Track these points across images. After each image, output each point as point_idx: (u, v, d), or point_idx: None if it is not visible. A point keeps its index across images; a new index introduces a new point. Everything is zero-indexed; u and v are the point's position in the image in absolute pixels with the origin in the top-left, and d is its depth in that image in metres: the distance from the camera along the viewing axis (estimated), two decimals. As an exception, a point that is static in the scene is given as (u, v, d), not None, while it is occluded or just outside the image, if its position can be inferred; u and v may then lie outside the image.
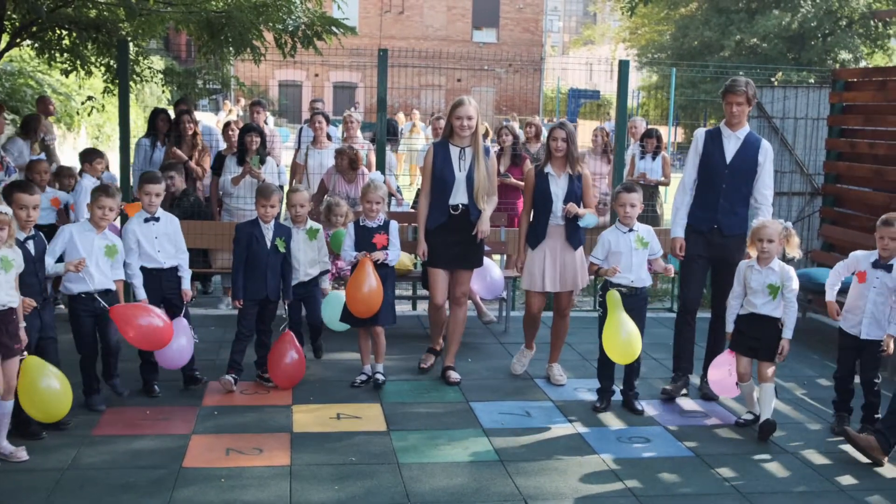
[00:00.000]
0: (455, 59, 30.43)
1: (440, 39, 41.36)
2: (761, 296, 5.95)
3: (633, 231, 6.22)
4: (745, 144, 6.46)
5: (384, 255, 6.52)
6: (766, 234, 5.89)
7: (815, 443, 5.86)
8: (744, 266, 6.08)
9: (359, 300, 6.33)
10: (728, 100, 6.39)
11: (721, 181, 6.48)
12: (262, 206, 6.42)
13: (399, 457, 5.36)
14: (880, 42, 30.98)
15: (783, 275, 5.93)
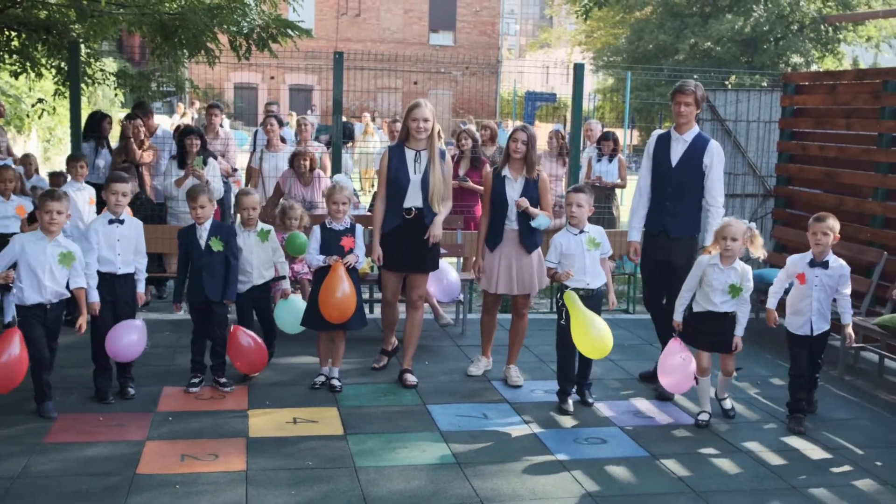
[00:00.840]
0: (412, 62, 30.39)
1: (397, 42, 41.30)
2: (721, 294, 6.02)
3: (585, 233, 6.26)
4: (691, 147, 6.56)
5: (356, 259, 6.49)
6: (731, 233, 5.96)
7: (769, 441, 5.93)
8: (705, 262, 6.12)
9: (333, 306, 6.29)
10: (676, 99, 6.50)
11: (668, 184, 6.57)
12: (192, 209, 6.39)
13: (356, 460, 5.34)
14: (831, 46, 31.45)
15: (743, 275, 6.03)
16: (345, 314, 6.34)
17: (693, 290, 6.18)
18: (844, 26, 30.88)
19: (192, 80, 13.28)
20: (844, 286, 6.04)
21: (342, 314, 6.34)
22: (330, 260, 6.41)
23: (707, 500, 4.99)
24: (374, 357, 7.11)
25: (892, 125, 8.12)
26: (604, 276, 6.32)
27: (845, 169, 8.73)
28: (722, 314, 6.06)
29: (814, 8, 30.38)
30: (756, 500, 5.02)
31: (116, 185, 6.20)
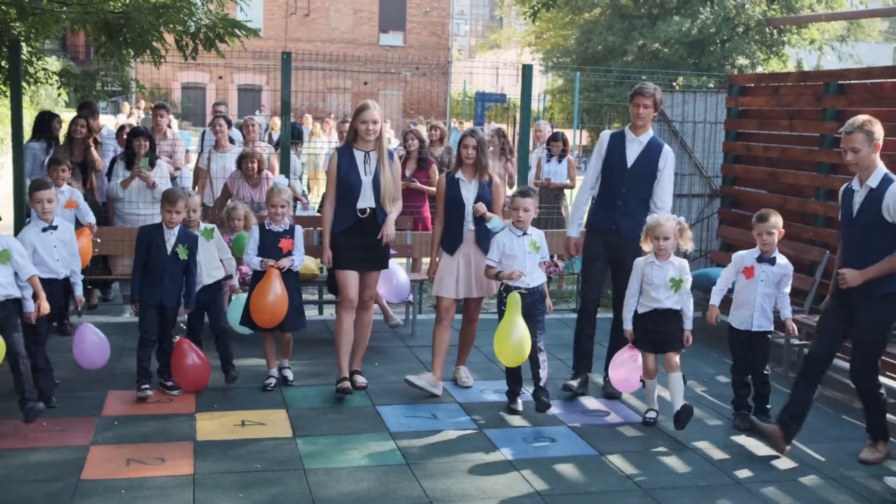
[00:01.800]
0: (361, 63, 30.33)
1: (346, 42, 41.17)
2: (664, 290, 6.09)
3: (527, 235, 6.29)
4: (647, 149, 6.62)
5: (290, 262, 6.48)
6: (663, 233, 6.05)
7: (715, 438, 6.01)
8: (642, 263, 6.20)
9: (263, 310, 6.27)
10: (636, 101, 6.55)
11: (621, 184, 6.62)
12: (168, 212, 6.31)
13: (305, 462, 5.32)
14: (775, 49, 31.96)
15: (681, 268, 6.11)
16: (275, 318, 6.34)
17: (636, 295, 6.24)
18: (788, 29, 31.40)
19: (138, 80, 13.10)
20: (785, 285, 6.14)
21: (273, 318, 6.34)
22: (264, 263, 6.38)
23: (655, 497, 5.04)
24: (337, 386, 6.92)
25: (834, 126, 8.26)
26: (541, 278, 6.35)
27: (788, 169, 8.87)
28: (667, 310, 6.12)
29: (759, 11, 30.84)
30: (703, 497, 5.08)
31: (39, 193, 6.08)
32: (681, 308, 6.15)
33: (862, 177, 5.52)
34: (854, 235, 5.58)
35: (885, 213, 5.39)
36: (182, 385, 6.44)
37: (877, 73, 8.34)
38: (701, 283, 8.38)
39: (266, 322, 6.36)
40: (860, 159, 5.43)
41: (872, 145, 5.42)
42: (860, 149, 5.41)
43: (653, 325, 6.16)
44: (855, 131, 5.41)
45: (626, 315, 6.30)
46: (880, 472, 5.50)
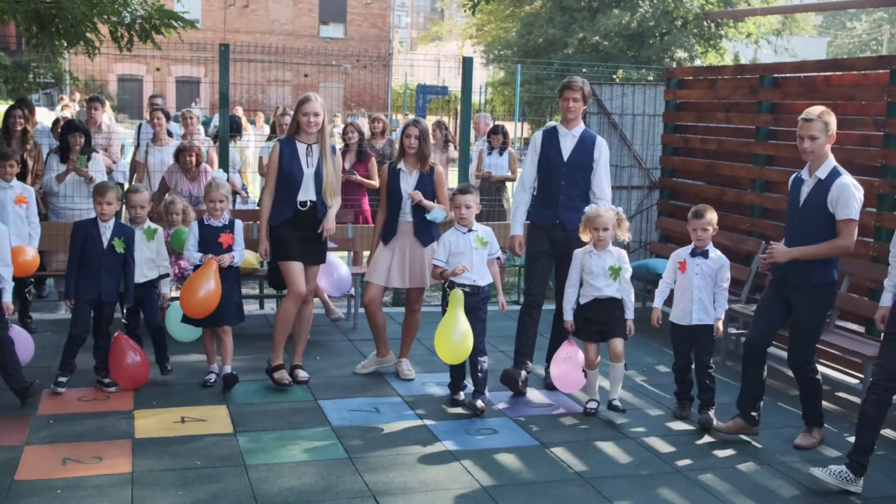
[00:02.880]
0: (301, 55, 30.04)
1: (286, 34, 40.85)
2: (603, 278, 6.15)
3: (473, 231, 6.30)
4: (580, 142, 6.68)
5: (231, 258, 6.41)
6: (602, 223, 6.11)
7: (655, 427, 6.09)
8: (580, 254, 6.26)
9: (194, 304, 6.20)
10: (565, 95, 6.61)
11: (560, 178, 6.67)
12: (99, 204, 6.21)
13: (246, 458, 5.27)
14: (713, 42, 32.35)
15: (620, 257, 6.17)
16: (206, 310, 6.28)
17: (576, 286, 6.29)
18: (726, 23, 31.81)
19: (71, 72, 12.83)
20: (723, 279, 6.19)
21: (203, 311, 6.27)
22: (204, 258, 6.32)
23: (596, 486, 5.09)
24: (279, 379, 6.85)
25: (769, 119, 8.41)
26: (490, 276, 6.36)
27: (725, 161, 9.01)
28: (608, 299, 6.17)
29: (697, 4, 31.20)
30: (643, 485, 5.14)
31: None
32: (621, 297, 6.21)
33: (812, 167, 5.62)
34: (798, 224, 5.68)
35: (830, 206, 5.51)
36: (120, 382, 6.34)
37: (810, 67, 8.51)
38: (641, 274, 8.48)
39: (196, 314, 6.29)
40: (816, 147, 5.53)
41: (828, 135, 5.54)
42: (818, 137, 5.51)
43: (594, 314, 6.21)
44: (815, 120, 5.51)
45: (567, 306, 6.36)
46: (814, 458, 5.62)
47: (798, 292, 5.65)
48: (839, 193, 5.47)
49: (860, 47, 57.50)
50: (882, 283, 5.44)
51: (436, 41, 61.55)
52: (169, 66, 36.55)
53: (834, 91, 7.77)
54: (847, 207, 5.46)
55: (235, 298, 6.51)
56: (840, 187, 5.47)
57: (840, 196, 5.46)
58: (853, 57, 26.17)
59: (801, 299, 5.65)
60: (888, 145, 7.08)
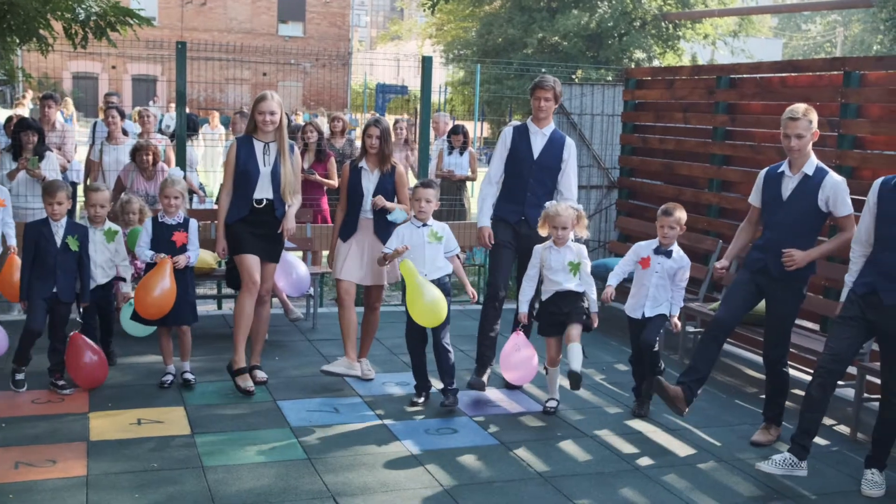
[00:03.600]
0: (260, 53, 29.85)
1: (245, 33, 40.57)
2: (563, 273, 6.16)
3: (427, 226, 6.29)
4: (550, 141, 6.73)
5: (187, 259, 6.34)
6: (561, 222, 6.13)
7: (614, 426, 6.11)
8: (540, 249, 6.27)
9: (148, 304, 6.12)
10: (537, 94, 6.63)
11: (528, 175, 6.70)
12: (49, 205, 6.13)
13: (204, 460, 5.21)
14: (671, 43, 32.64)
15: (579, 253, 6.20)
16: (162, 311, 6.21)
17: (535, 280, 6.30)
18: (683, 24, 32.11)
19: (24, 69, 12.63)
20: (682, 279, 6.25)
21: (159, 311, 6.20)
22: (157, 258, 6.25)
23: (556, 485, 5.10)
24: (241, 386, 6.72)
25: (726, 119, 8.49)
26: (446, 269, 6.34)
27: (683, 161, 9.08)
28: (568, 291, 6.18)
29: (655, 5, 31.46)
30: (603, 484, 5.16)
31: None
32: (583, 290, 6.22)
33: (797, 164, 5.70)
34: (782, 218, 5.76)
35: (822, 203, 5.62)
36: (78, 382, 6.25)
37: (766, 68, 8.59)
38: (599, 272, 8.49)
39: (152, 315, 6.22)
40: (803, 146, 5.63)
41: (812, 133, 5.64)
42: (804, 135, 5.60)
43: (556, 307, 6.21)
44: (801, 118, 5.60)
45: (522, 298, 6.35)
46: (771, 454, 5.67)
47: (778, 284, 5.74)
48: (834, 192, 5.59)
49: (814, 49, 58.31)
50: (837, 281, 5.52)
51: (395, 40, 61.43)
52: (125, 64, 36.14)
53: (789, 92, 7.86)
54: (845, 204, 5.61)
55: (190, 298, 6.44)
56: (834, 186, 5.60)
57: (837, 195, 5.59)
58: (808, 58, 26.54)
59: (781, 291, 5.75)
60: (842, 146, 7.18)
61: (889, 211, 5.10)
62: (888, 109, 6.98)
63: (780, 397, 5.93)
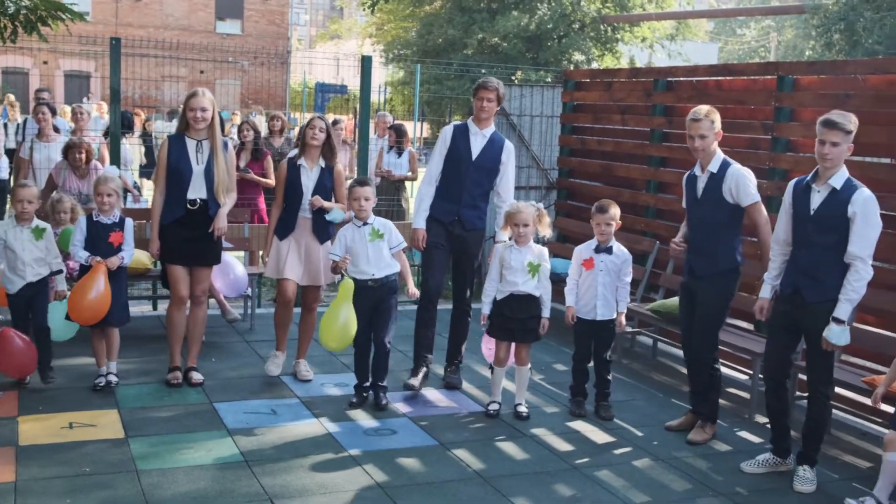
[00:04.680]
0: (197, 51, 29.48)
1: (181, 29, 40.01)
2: (521, 274, 6.15)
3: (368, 224, 6.26)
4: (490, 143, 6.73)
5: (120, 260, 6.22)
6: (522, 220, 6.12)
7: (552, 425, 6.14)
8: (501, 248, 6.25)
9: (84, 307, 5.99)
10: (480, 95, 6.64)
11: (465, 176, 6.69)
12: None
13: (138, 464, 5.12)
14: (609, 45, 32.98)
15: (540, 254, 6.20)
16: (96, 316, 6.09)
17: (496, 281, 6.27)
18: (622, 27, 32.47)
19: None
20: (626, 273, 6.32)
21: (94, 316, 6.09)
22: (92, 260, 6.12)
23: (494, 485, 5.10)
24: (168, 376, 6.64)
25: (663, 122, 8.59)
26: (393, 266, 6.31)
27: (621, 163, 9.17)
28: (525, 295, 6.18)
29: (594, 8, 31.75)
30: (541, 483, 5.18)
31: None
32: (539, 294, 6.23)
33: (704, 163, 5.85)
34: (699, 217, 5.92)
35: (727, 195, 5.75)
36: (8, 372, 6.10)
37: (702, 72, 8.71)
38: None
39: (86, 320, 6.10)
40: (706, 145, 5.77)
41: (715, 133, 5.78)
42: (707, 135, 5.75)
43: (509, 311, 6.19)
44: (703, 119, 5.75)
45: (485, 300, 6.31)
46: (705, 452, 5.76)
47: (704, 282, 5.83)
48: (734, 182, 5.72)
49: (749, 53, 59.33)
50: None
51: (335, 39, 61.16)
52: (57, 60, 35.39)
53: (724, 95, 7.97)
54: (748, 193, 5.73)
55: (122, 299, 6.32)
56: (733, 177, 5.73)
57: (737, 185, 5.71)
58: (743, 63, 26.99)
59: (707, 288, 5.85)
60: (775, 149, 7.30)
61: (802, 211, 5.24)
62: (820, 113, 7.05)
63: (711, 394, 6.02)
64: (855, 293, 5.06)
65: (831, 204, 5.12)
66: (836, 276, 5.12)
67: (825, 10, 26.67)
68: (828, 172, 5.15)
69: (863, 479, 5.49)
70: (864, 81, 6.78)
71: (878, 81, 6.73)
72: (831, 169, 5.13)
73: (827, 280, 5.14)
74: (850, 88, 6.85)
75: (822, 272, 5.16)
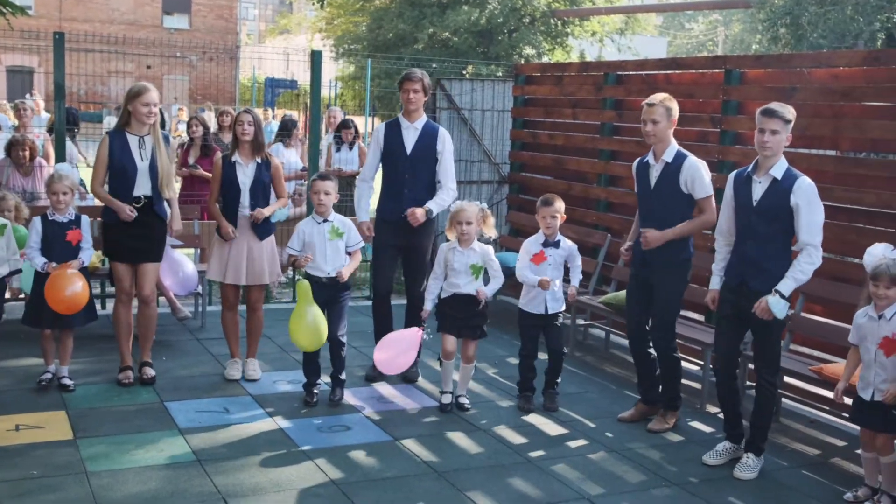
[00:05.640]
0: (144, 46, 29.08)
1: (128, 24, 39.51)
2: (464, 276, 6.15)
3: (329, 221, 6.22)
4: (423, 134, 6.73)
5: (80, 263, 6.10)
6: (465, 217, 6.11)
7: (506, 419, 6.15)
8: (445, 248, 6.24)
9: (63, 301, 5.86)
10: (405, 87, 6.64)
11: (404, 171, 6.69)
12: None
13: (87, 466, 5.04)
14: (560, 39, 33.10)
15: (484, 255, 6.20)
16: (73, 309, 5.97)
17: (440, 279, 6.26)
18: (572, 21, 32.59)
19: None
20: (575, 258, 6.38)
21: (70, 309, 5.96)
22: (48, 267, 5.99)
23: (448, 479, 5.10)
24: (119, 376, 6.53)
25: (613, 115, 8.64)
26: (347, 265, 6.28)
27: (572, 156, 9.20)
28: (466, 296, 6.18)
29: (544, 2, 31.83)
30: (496, 476, 5.19)
31: None
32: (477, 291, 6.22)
33: (657, 151, 5.89)
34: (652, 206, 5.95)
35: (683, 186, 5.82)
36: None
37: (651, 65, 8.77)
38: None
39: (63, 311, 5.93)
40: (658, 131, 5.81)
41: (670, 120, 5.83)
42: (659, 121, 5.79)
43: (452, 309, 6.21)
44: (657, 105, 5.81)
45: (428, 297, 6.30)
46: (658, 443, 5.81)
47: (658, 272, 5.90)
48: (692, 174, 5.79)
49: (697, 47, 59.95)
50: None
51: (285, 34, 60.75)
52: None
53: (673, 89, 8.02)
54: (703, 185, 5.80)
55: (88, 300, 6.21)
56: (691, 168, 5.80)
57: (694, 176, 5.79)
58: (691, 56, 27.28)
59: (662, 277, 5.91)
60: (724, 141, 7.38)
61: (744, 203, 5.31)
62: (767, 106, 7.20)
63: (672, 382, 6.07)
64: (802, 274, 5.14)
65: (773, 194, 5.19)
66: (780, 265, 5.20)
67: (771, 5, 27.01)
68: (768, 162, 5.21)
69: (811, 466, 5.57)
70: (810, 75, 6.88)
71: (822, 75, 6.83)
72: (771, 158, 5.20)
73: (772, 269, 5.21)
74: (796, 82, 6.94)
75: (767, 262, 5.24)
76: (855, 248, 6.20)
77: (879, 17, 25.20)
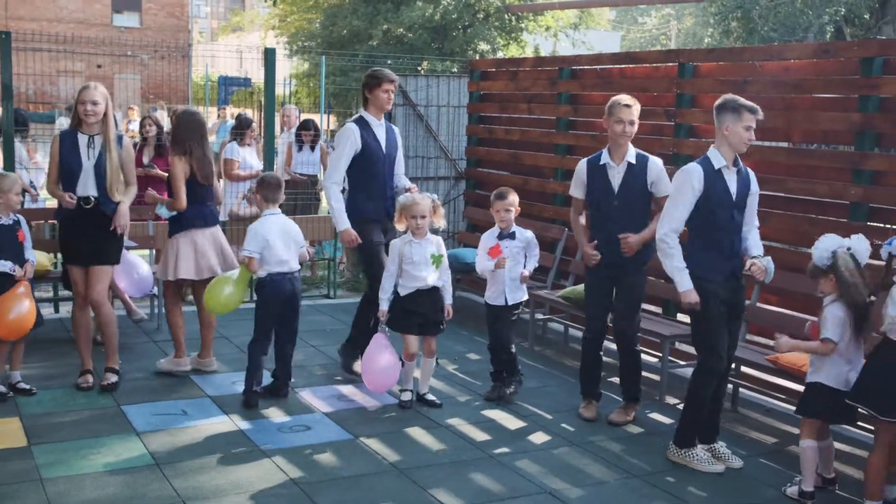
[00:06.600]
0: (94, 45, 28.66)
1: (77, 23, 38.96)
2: (425, 267, 6.12)
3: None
4: (388, 131, 6.87)
5: (32, 266, 6.06)
6: (420, 211, 6.09)
7: (467, 415, 6.15)
8: (400, 244, 6.17)
9: (8, 327, 5.84)
10: (385, 87, 6.67)
11: (383, 169, 6.71)
12: None
13: (42, 472, 4.95)
14: (514, 35, 33.15)
15: (439, 245, 6.21)
16: (20, 332, 5.94)
17: (395, 276, 6.21)
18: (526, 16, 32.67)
19: None
20: (533, 249, 6.41)
21: (18, 332, 5.93)
22: (16, 270, 5.94)
23: (410, 476, 5.09)
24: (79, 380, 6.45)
25: (568, 110, 8.67)
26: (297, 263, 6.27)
27: (528, 151, 9.23)
28: (431, 289, 6.17)
29: (498, -2, 31.87)
30: (458, 472, 5.18)
31: None
32: (442, 284, 6.23)
33: (619, 153, 5.91)
34: (616, 208, 5.95)
35: (650, 185, 5.89)
36: None
37: (606, 60, 8.82)
38: (451, 264, 8.56)
39: (9, 337, 5.94)
40: (633, 133, 5.88)
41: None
42: (635, 122, 5.86)
43: (415, 306, 6.16)
44: (633, 105, 5.86)
45: (383, 296, 6.25)
46: (619, 435, 5.85)
47: (630, 268, 5.96)
48: (658, 173, 5.89)
49: (651, 41, 60.41)
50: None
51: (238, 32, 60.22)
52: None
53: (628, 83, 8.08)
54: (667, 184, 5.83)
55: None
56: (656, 167, 5.90)
57: (660, 175, 5.89)
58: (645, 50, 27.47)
59: (631, 274, 5.98)
60: (678, 135, 7.44)
61: (722, 197, 5.30)
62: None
63: (634, 374, 6.13)
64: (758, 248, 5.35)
65: (745, 183, 5.32)
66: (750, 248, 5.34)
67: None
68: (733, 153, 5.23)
69: (769, 454, 5.64)
70: (761, 67, 6.96)
71: (774, 67, 6.91)
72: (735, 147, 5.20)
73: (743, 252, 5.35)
74: (748, 75, 7.02)
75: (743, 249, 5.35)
76: (808, 238, 6.26)
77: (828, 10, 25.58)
